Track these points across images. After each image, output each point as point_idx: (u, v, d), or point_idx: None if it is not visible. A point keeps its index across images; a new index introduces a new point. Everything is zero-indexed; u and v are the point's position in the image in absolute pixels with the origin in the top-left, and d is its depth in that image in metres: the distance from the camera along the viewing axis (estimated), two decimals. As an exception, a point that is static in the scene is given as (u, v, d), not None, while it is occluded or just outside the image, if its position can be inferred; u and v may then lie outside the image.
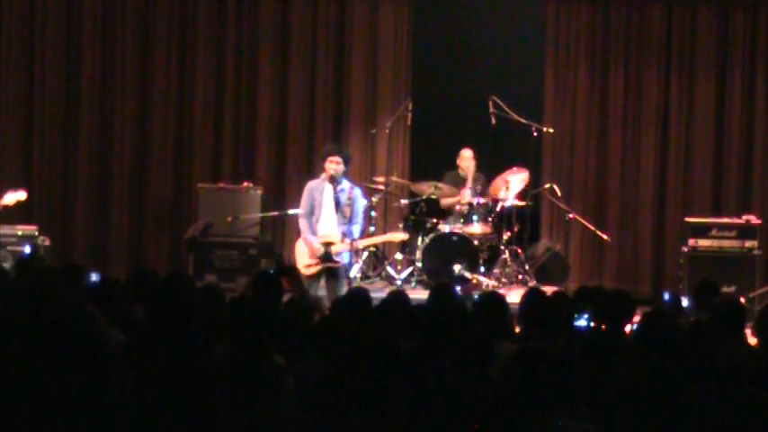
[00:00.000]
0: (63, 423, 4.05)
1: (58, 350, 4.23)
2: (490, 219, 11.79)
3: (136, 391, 4.31)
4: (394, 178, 12.31)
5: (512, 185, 11.78)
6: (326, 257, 10.23)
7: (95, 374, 4.18)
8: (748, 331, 6.50)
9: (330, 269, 10.28)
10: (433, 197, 11.87)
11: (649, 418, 4.21)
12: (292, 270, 9.83)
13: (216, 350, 4.95)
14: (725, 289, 10.55)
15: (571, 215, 12.10)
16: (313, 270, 10.25)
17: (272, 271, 8.58)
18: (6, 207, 10.95)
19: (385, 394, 4.22)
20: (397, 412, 4.22)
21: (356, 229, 10.40)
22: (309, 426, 4.21)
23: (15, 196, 10.92)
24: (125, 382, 4.38)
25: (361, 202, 10.58)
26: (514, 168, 11.81)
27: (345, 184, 10.37)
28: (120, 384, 4.32)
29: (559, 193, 12.17)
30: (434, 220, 11.85)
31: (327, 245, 10.22)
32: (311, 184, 10.39)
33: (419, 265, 11.55)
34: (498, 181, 11.83)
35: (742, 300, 8.67)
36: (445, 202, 11.96)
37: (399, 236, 11.33)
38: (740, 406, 4.22)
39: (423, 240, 11.59)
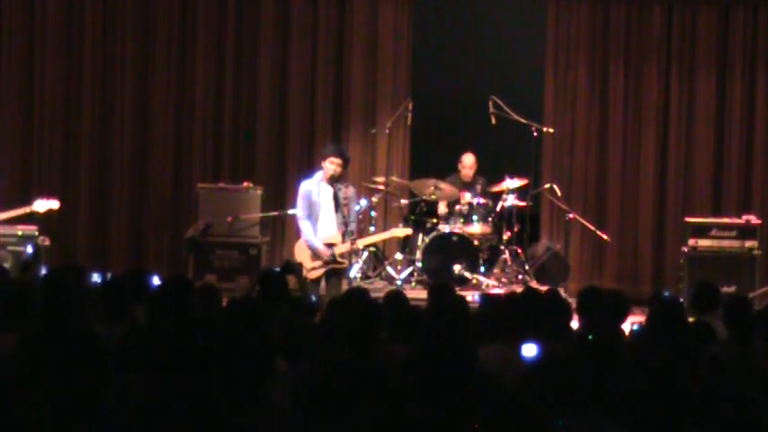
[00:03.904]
0: (62, 423, 4.04)
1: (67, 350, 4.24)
2: (490, 219, 11.79)
3: (134, 389, 4.31)
4: (394, 178, 12.31)
5: (511, 185, 11.83)
6: (332, 259, 10.24)
7: (94, 374, 4.18)
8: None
9: (333, 269, 10.28)
10: (433, 197, 11.87)
11: (651, 419, 4.21)
12: (298, 267, 9.80)
13: (215, 350, 4.95)
14: (725, 289, 10.54)
15: (571, 215, 12.10)
16: (318, 273, 10.24)
17: (277, 269, 8.58)
18: (35, 214, 10.84)
19: (382, 397, 4.22)
20: (394, 413, 4.22)
21: (354, 228, 10.41)
22: (308, 426, 4.20)
23: (47, 204, 10.79)
24: (123, 381, 4.39)
25: (355, 201, 10.61)
26: (516, 178, 11.86)
27: (340, 183, 10.36)
28: (117, 383, 4.32)
29: (559, 193, 12.17)
30: (434, 220, 11.86)
31: (330, 246, 10.22)
32: (306, 185, 10.36)
33: (419, 265, 11.55)
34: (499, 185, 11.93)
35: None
36: (441, 209, 11.95)
37: (403, 231, 11.32)
38: (739, 406, 4.22)
39: (423, 240, 11.59)
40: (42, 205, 10.77)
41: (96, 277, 7.75)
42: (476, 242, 11.50)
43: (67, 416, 4.08)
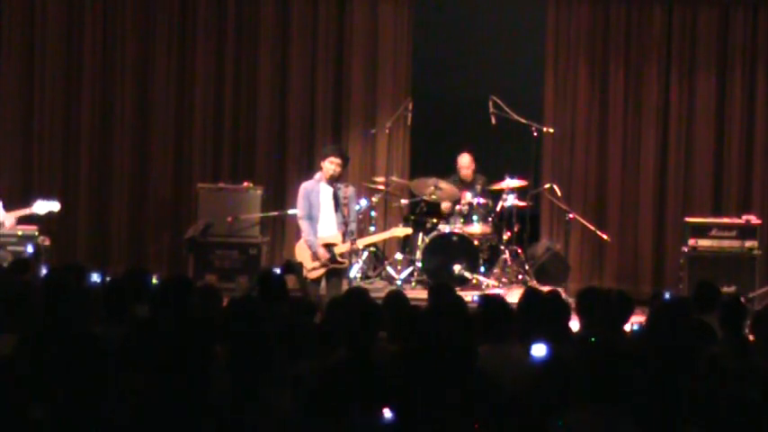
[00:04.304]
0: (62, 423, 4.04)
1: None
2: (490, 219, 11.79)
3: (133, 388, 4.30)
4: (394, 178, 12.31)
5: (511, 184, 11.82)
6: (331, 259, 10.23)
7: (94, 374, 4.18)
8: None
9: (333, 269, 10.28)
10: (434, 197, 11.86)
11: (652, 419, 4.21)
12: (298, 267, 9.79)
13: (214, 350, 4.94)
14: (725, 289, 10.54)
15: (571, 215, 12.09)
16: (318, 273, 10.24)
17: (277, 270, 8.58)
18: (35, 215, 10.82)
19: (381, 396, 4.22)
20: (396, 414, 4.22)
21: (354, 228, 10.41)
22: (309, 426, 4.20)
23: (48, 206, 10.75)
24: (122, 380, 4.38)
25: (355, 201, 10.61)
26: (516, 178, 11.85)
27: (340, 183, 10.37)
28: (117, 382, 4.31)
29: (559, 193, 12.16)
30: (434, 220, 11.85)
31: (329, 246, 10.22)
32: (306, 186, 10.36)
33: (419, 265, 11.54)
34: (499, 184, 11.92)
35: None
36: (443, 207, 11.96)
37: (403, 230, 11.32)
38: (738, 406, 4.22)
39: (423, 240, 11.59)
40: (43, 207, 10.75)
41: (96, 277, 7.75)
42: (476, 242, 11.49)
43: (67, 416, 4.08)
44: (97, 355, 4.27)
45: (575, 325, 6.66)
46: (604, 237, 12.30)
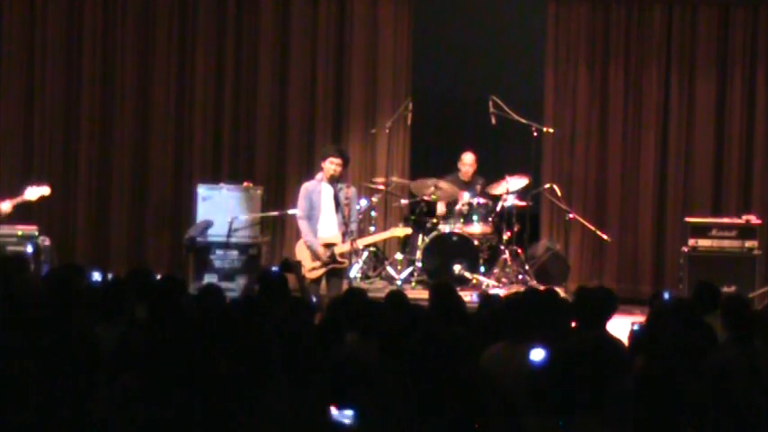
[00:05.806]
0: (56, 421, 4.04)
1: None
2: (490, 219, 11.78)
3: (132, 388, 4.30)
4: (394, 178, 12.31)
5: (511, 184, 11.80)
6: (331, 259, 10.24)
7: (93, 374, 4.18)
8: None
9: (333, 269, 10.28)
10: (433, 197, 11.86)
11: (651, 419, 4.20)
12: (297, 266, 9.78)
13: (213, 350, 4.94)
14: (725, 289, 10.53)
15: (571, 215, 12.09)
16: (318, 273, 10.24)
17: (276, 269, 8.58)
18: (28, 203, 10.85)
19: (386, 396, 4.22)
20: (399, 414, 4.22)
21: (354, 228, 10.42)
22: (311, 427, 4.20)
23: (39, 191, 10.82)
24: (117, 381, 4.37)
25: (356, 201, 10.62)
26: (516, 176, 11.83)
27: (341, 183, 10.38)
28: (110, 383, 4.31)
29: (559, 193, 12.16)
30: (434, 220, 11.85)
31: (330, 246, 10.22)
32: (307, 186, 10.38)
33: (419, 265, 11.54)
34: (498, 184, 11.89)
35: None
36: (440, 209, 11.95)
37: (403, 231, 11.32)
38: (739, 407, 4.22)
39: (423, 240, 11.59)
40: (34, 193, 10.79)
41: (97, 276, 7.74)
42: (476, 242, 11.49)
43: (66, 416, 4.08)
44: (96, 355, 4.27)
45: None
46: (604, 237, 12.30)
